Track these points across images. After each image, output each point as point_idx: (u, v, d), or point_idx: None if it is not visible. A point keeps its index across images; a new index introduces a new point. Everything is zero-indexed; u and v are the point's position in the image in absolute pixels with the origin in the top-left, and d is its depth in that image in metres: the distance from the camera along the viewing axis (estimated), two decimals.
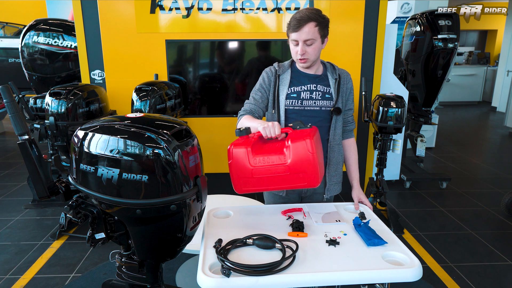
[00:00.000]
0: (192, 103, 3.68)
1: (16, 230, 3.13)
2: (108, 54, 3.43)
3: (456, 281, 2.46)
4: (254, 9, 3.41)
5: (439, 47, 3.77)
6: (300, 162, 1.37)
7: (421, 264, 1.18)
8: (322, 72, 1.77)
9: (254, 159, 1.42)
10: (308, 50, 1.63)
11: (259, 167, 1.42)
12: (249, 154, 1.42)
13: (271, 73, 1.76)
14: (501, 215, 3.42)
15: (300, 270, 1.15)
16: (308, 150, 1.35)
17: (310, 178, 1.39)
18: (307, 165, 1.37)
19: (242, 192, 1.48)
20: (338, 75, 1.77)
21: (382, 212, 3.37)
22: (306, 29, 1.58)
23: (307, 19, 1.57)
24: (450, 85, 8.97)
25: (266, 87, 1.75)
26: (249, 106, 1.74)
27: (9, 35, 6.62)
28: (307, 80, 1.73)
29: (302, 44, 1.61)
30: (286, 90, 1.72)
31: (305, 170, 1.37)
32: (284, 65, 1.77)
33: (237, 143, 1.47)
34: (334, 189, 1.83)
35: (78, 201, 1.25)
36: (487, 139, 6.56)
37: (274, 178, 1.42)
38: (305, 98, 1.72)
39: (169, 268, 2.52)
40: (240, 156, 1.43)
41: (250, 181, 1.44)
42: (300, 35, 1.59)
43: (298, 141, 1.37)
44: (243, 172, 1.43)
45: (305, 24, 1.57)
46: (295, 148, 1.37)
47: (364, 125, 3.73)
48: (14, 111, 1.28)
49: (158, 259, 1.32)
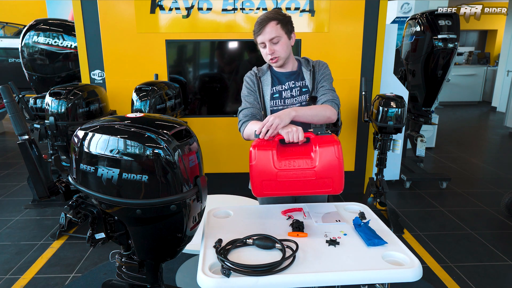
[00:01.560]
0: (192, 103, 3.68)
1: (16, 230, 3.13)
2: (108, 54, 3.43)
3: (456, 281, 2.46)
4: (254, 9, 3.41)
5: (439, 47, 3.77)
6: (327, 167, 1.38)
7: (421, 264, 1.18)
8: (297, 68, 1.81)
9: (279, 162, 1.41)
10: (276, 48, 1.67)
11: (284, 170, 1.41)
12: (274, 156, 1.41)
13: (253, 76, 1.80)
14: (501, 215, 3.42)
15: (300, 270, 1.15)
16: (336, 156, 1.37)
17: (335, 184, 1.40)
18: (334, 170, 1.38)
19: (262, 195, 1.46)
20: (312, 66, 1.79)
21: (382, 212, 3.37)
22: (268, 29, 1.64)
23: (267, 19, 1.64)
24: (450, 85, 8.97)
25: (253, 89, 1.78)
26: (249, 111, 1.73)
27: (9, 35, 6.62)
28: (285, 78, 1.77)
29: (269, 44, 1.67)
30: (269, 90, 1.75)
31: (331, 175, 1.39)
32: (263, 69, 1.82)
33: (258, 144, 1.44)
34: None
35: (78, 201, 1.25)
36: (487, 139, 6.56)
37: (299, 183, 1.41)
38: (286, 97, 1.76)
39: (169, 268, 2.52)
40: (265, 158, 1.41)
41: (272, 184, 1.42)
42: (264, 36, 1.65)
43: (326, 146, 1.39)
44: (267, 174, 1.41)
45: (266, 25, 1.64)
46: (323, 153, 1.38)
47: (364, 125, 3.73)
48: (14, 111, 1.28)
49: (158, 259, 1.32)
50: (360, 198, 3.71)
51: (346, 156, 3.80)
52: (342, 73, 3.54)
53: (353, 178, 3.87)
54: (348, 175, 3.82)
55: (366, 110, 3.29)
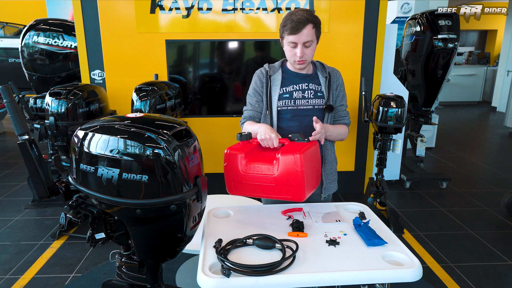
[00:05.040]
0: (192, 103, 3.68)
1: (16, 230, 3.13)
2: (108, 54, 3.43)
3: (456, 281, 2.46)
4: (254, 9, 3.41)
5: (439, 47, 3.77)
6: (286, 175, 1.39)
7: (421, 264, 1.18)
8: (313, 71, 1.78)
9: (246, 165, 1.46)
10: (306, 52, 1.63)
11: (249, 174, 1.46)
12: (241, 159, 1.47)
13: (262, 75, 1.77)
14: (501, 215, 3.42)
15: (300, 270, 1.14)
16: (295, 165, 1.36)
17: (295, 192, 1.40)
18: (294, 179, 1.38)
19: (234, 194, 1.54)
20: (328, 73, 1.78)
21: (382, 212, 3.37)
22: (306, 31, 1.57)
23: (305, 21, 1.56)
24: (450, 85, 8.97)
25: (259, 90, 1.77)
26: (248, 113, 1.77)
27: (9, 35, 6.62)
28: (299, 79, 1.74)
29: (301, 46, 1.61)
30: (278, 90, 1.72)
31: (291, 183, 1.39)
32: (274, 66, 1.78)
33: (234, 147, 1.51)
34: (331, 187, 1.84)
35: (78, 201, 1.25)
36: (487, 139, 6.56)
37: (261, 187, 1.45)
38: (297, 97, 1.73)
39: (169, 268, 2.52)
40: (234, 160, 1.48)
41: (240, 185, 1.49)
42: (300, 38, 1.59)
43: (287, 154, 1.39)
44: (236, 176, 1.48)
45: (304, 26, 1.56)
46: (283, 161, 1.39)
47: (364, 125, 3.73)
48: (14, 111, 1.28)
49: (158, 259, 1.32)
50: (360, 198, 3.71)
51: (346, 156, 3.80)
52: (342, 73, 3.50)
53: (353, 178, 3.87)
54: (348, 175, 3.83)
55: (366, 110, 3.29)
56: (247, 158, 1.47)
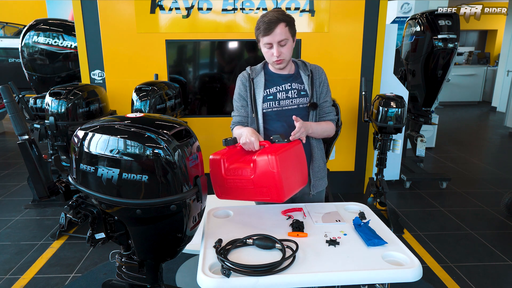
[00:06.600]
0: (192, 103, 3.68)
1: (16, 230, 3.13)
2: (108, 54, 3.43)
3: (456, 281, 2.46)
4: (254, 9, 3.41)
5: (439, 47, 3.77)
6: (263, 177, 1.39)
7: (421, 264, 1.18)
8: (295, 71, 1.79)
9: (227, 169, 1.48)
10: (283, 51, 1.65)
11: (230, 178, 1.47)
12: (223, 164, 1.49)
13: (245, 78, 1.79)
14: (501, 215, 3.42)
15: (300, 270, 1.15)
16: (270, 167, 1.37)
17: (272, 193, 1.41)
18: (270, 180, 1.39)
19: (221, 198, 1.55)
20: (310, 71, 1.78)
21: (382, 212, 3.37)
22: (278, 30, 1.61)
23: (277, 20, 1.60)
24: (450, 85, 8.97)
25: (243, 94, 1.79)
26: (236, 119, 1.84)
27: (9, 35, 6.62)
28: (281, 80, 1.75)
29: (276, 46, 1.63)
30: (262, 93, 1.74)
31: (268, 185, 1.40)
32: (256, 68, 1.80)
33: (218, 152, 1.53)
34: (320, 185, 1.84)
35: (78, 201, 1.25)
36: (487, 139, 6.56)
37: (243, 189, 1.46)
38: (282, 98, 1.74)
39: (169, 268, 2.52)
40: (217, 165, 1.50)
41: (224, 189, 1.51)
42: (273, 37, 1.62)
43: (261, 156, 1.40)
44: (219, 180, 1.50)
45: (276, 26, 1.60)
46: (259, 163, 1.40)
47: (364, 125, 3.73)
48: (14, 111, 1.28)
49: (158, 259, 1.32)
50: (360, 198, 3.71)
51: (346, 156, 3.80)
52: (342, 73, 3.54)
53: (353, 178, 3.87)
54: (348, 175, 3.83)
55: (366, 110, 3.29)
56: (229, 162, 1.50)
